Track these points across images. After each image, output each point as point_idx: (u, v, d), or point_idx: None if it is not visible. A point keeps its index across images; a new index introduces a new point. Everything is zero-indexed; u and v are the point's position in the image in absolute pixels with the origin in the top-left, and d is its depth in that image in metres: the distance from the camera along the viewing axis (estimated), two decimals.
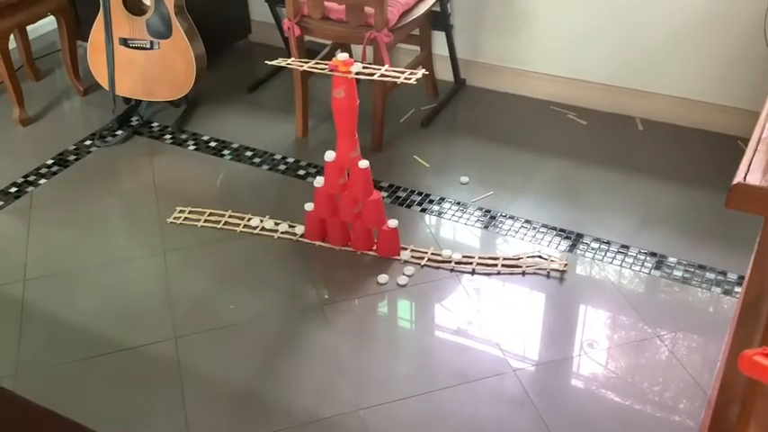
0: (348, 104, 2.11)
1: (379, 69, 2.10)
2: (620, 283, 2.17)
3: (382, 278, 2.17)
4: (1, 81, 3.06)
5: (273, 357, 1.95)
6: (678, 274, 2.19)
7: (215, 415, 1.80)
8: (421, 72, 2.05)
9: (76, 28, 3.16)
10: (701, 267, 2.21)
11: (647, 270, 2.21)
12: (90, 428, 1.33)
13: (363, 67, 2.07)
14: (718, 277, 2.17)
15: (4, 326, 2.06)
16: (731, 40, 2.69)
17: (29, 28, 3.26)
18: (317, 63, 2.17)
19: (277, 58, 2.26)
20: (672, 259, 2.24)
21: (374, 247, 2.28)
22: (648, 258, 2.25)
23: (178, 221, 2.42)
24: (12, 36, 3.06)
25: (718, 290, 2.13)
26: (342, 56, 2.06)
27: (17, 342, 2.01)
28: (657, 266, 2.22)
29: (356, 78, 2.06)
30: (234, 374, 1.90)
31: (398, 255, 2.26)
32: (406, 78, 2.03)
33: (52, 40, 3.57)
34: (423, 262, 2.23)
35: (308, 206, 2.28)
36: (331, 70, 2.06)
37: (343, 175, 2.20)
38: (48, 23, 3.51)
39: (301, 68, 2.20)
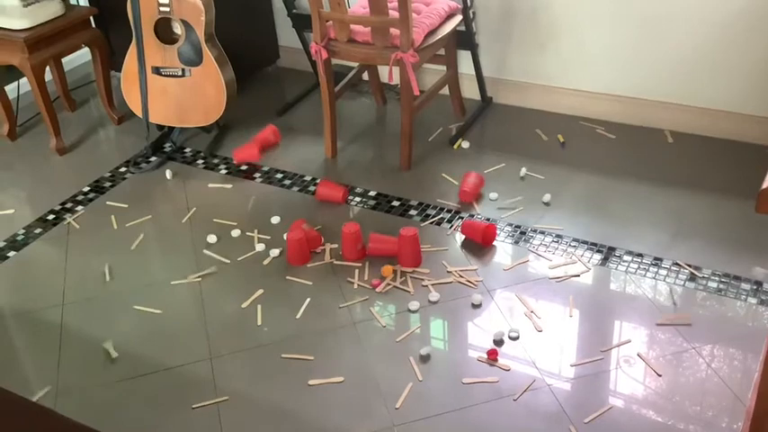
0: None
1: None
2: (654, 296, 2.15)
3: (413, 304, 2.18)
4: (38, 112, 3.15)
5: (307, 375, 1.96)
6: (713, 285, 2.17)
7: None
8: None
9: (110, 59, 3.24)
10: (737, 278, 2.19)
11: (681, 282, 2.19)
12: None
13: None
14: (754, 287, 2.15)
15: (45, 349, 2.10)
16: (759, 50, 2.68)
17: (64, 60, 3.35)
18: None
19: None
20: (706, 271, 2.22)
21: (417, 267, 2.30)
22: (682, 270, 2.23)
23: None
24: (48, 68, 3.15)
25: (755, 300, 2.11)
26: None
27: (57, 364, 2.05)
28: (692, 278, 2.20)
29: None
30: (268, 393, 1.92)
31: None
32: None
33: (87, 72, 3.67)
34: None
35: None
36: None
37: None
38: (82, 55, 3.61)
39: None
